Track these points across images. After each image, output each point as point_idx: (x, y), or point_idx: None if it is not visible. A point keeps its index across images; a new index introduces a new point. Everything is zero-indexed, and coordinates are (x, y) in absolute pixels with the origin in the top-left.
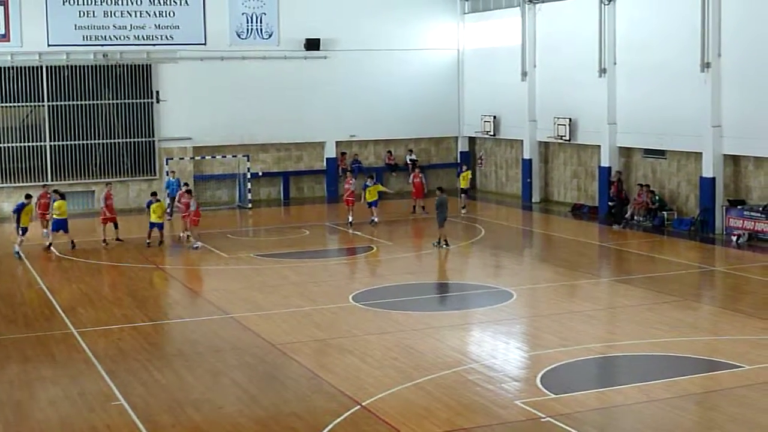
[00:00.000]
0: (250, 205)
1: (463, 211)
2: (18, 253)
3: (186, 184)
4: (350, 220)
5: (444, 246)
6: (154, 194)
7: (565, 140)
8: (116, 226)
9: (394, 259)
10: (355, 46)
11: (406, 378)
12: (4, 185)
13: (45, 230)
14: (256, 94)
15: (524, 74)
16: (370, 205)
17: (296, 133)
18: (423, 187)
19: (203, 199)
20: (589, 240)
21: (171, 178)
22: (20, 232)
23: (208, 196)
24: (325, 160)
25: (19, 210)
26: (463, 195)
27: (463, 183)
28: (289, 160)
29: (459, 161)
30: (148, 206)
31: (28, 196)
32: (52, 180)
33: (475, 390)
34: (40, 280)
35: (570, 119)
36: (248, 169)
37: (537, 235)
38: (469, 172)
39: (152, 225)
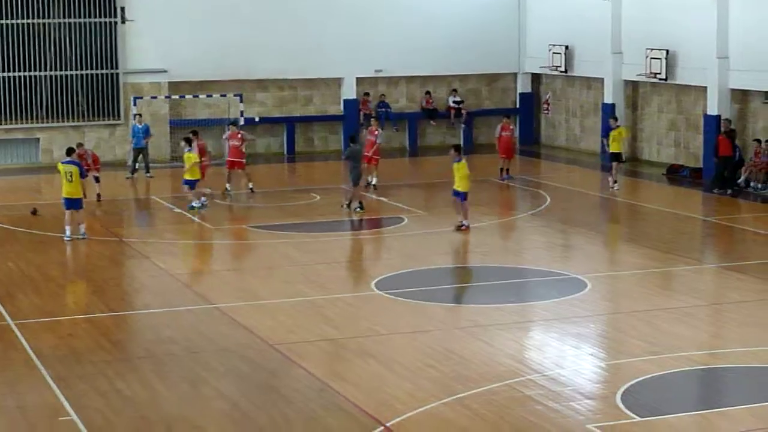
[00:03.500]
0: (243, 161)
1: (615, 187)
2: None
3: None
4: (373, 181)
5: (357, 209)
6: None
7: (661, 79)
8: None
9: (430, 235)
10: None
11: (444, 392)
12: None
13: None
14: (254, 13)
15: None
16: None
17: (305, 67)
18: (513, 143)
19: (179, 152)
20: (689, 213)
21: (137, 124)
22: None
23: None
24: (342, 102)
25: None
26: (614, 163)
27: (615, 145)
28: (295, 103)
29: (612, 112)
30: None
31: None
32: None
33: (535, 409)
34: None
35: (667, 51)
36: (241, 113)
37: (620, 205)
38: (623, 129)
39: (185, 182)
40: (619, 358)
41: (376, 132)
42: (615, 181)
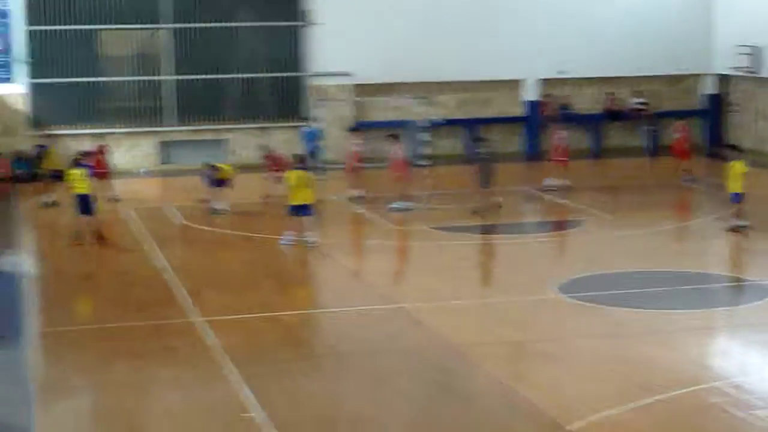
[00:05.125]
0: (426, 162)
1: None
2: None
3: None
4: (564, 182)
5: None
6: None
7: None
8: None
9: (615, 239)
10: None
11: (626, 397)
12: (116, 130)
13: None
14: (436, 16)
15: None
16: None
17: (486, 68)
18: (687, 144)
19: (364, 153)
20: None
21: (308, 127)
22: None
23: (371, 150)
24: (524, 103)
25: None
26: None
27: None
28: (475, 104)
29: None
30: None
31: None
32: (178, 124)
33: (720, 417)
34: (160, 253)
35: None
36: (425, 115)
37: None
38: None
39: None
40: None
41: (563, 135)
42: None
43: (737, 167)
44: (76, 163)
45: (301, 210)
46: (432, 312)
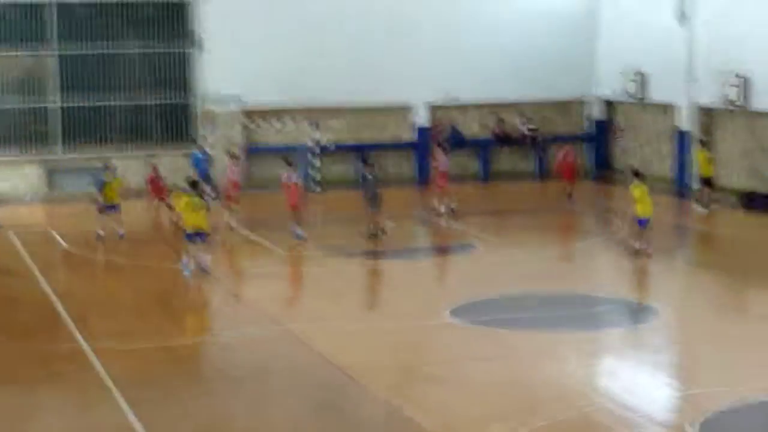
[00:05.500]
0: (317, 189)
1: (705, 211)
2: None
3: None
4: (452, 206)
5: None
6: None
7: (737, 106)
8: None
9: (504, 262)
10: None
11: (514, 419)
12: (1, 157)
13: None
14: (326, 41)
15: (682, 16)
16: None
17: (377, 94)
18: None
19: (256, 178)
20: (765, 241)
21: (198, 152)
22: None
23: (261, 175)
24: (414, 129)
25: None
26: (706, 188)
27: (705, 168)
28: (366, 129)
29: (699, 137)
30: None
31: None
32: (62, 151)
33: None
34: (42, 280)
35: (745, 79)
36: (316, 140)
37: (693, 232)
38: (700, 152)
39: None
40: (693, 388)
41: (440, 159)
42: (707, 205)
43: (638, 191)
44: None
45: (196, 236)
46: (321, 335)
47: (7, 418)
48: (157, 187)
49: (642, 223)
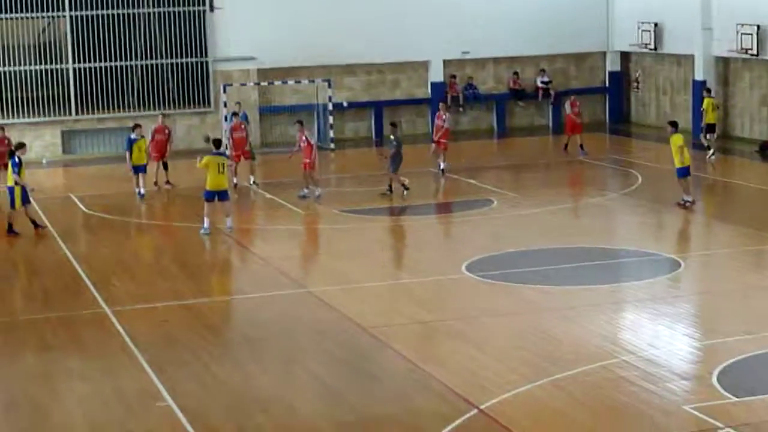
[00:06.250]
0: (332, 146)
1: (712, 158)
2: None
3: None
4: (442, 166)
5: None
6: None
7: (752, 55)
8: (165, 167)
9: (520, 217)
10: None
11: (537, 374)
12: (16, 120)
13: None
14: None
15: None
16: None
17: (392, 51)
18: (580, 119)
19: (271, 138)
20: None
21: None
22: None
23: (276, 134)
24: (429, 85)
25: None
26: (709, 134)
27: (710, 116)
28: (383, 87)
29: (703, 83)
30: None
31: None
32: (76, 113)
33: (630, 390)
34: (63, 245)
35: (758, 27)
36: (330, 98)
37: (712, 183)
38: (713, 100)
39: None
40: (714, 338)
41: (444, 116)
42: (712, 152)
43: (675, 141)
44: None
45: (215, 194)
46: (341, 294)
47: (31, 383)
48: (159, 143)
49: (682, 172)
